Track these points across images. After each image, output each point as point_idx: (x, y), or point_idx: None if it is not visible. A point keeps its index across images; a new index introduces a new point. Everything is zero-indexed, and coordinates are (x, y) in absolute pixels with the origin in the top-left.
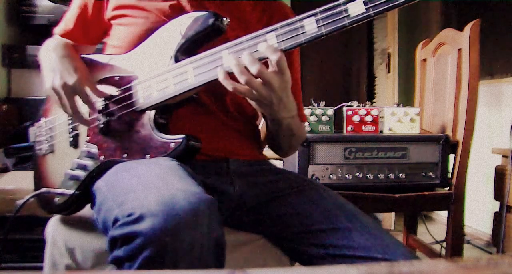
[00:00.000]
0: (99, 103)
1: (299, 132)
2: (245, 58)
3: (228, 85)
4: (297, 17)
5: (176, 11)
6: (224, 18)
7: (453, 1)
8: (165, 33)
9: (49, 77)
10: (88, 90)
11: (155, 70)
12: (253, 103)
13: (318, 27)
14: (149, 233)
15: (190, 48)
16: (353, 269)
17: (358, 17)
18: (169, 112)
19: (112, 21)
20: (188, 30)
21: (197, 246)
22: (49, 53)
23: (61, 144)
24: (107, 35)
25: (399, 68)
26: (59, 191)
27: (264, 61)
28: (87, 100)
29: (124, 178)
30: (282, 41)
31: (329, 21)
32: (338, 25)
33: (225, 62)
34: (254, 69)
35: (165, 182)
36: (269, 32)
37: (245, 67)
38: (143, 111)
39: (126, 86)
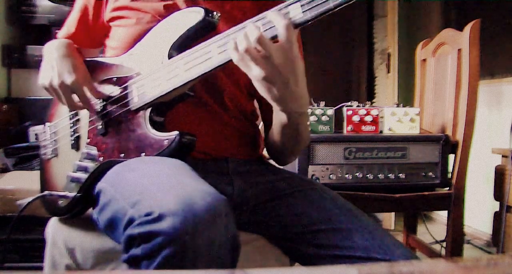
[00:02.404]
0: (98, 105)
1: (304, 136)
2: (249, 27)
3: (234, 56)
4: (282, 4)
5: (171, 11)
6: (215, 13)
7: (453, 1)
8: (158, 32)
9: (47, 74)
10: (86, 90)
11: (150, 68)
12: (258, 86)
13: (303, 12)
14: (170, 231)
15: (183, 44)
16: (353, 269)
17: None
18: (165, 110)
19: (110, 23)
20: (180, 26)
21: (215, 245)
22: (52, 51)
23: (64, 147)
24: (107, 37)
25: (399, 68)
26: (62, 193)
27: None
28: (84, 101)
29: (132, 178)
30: (268, 29)
31: (313, 5)
32: (322, 9)
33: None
34: (253, 37)
35: (180, 182)
36: (256, 21)
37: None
38: (138, 110)
39: (123, 87)
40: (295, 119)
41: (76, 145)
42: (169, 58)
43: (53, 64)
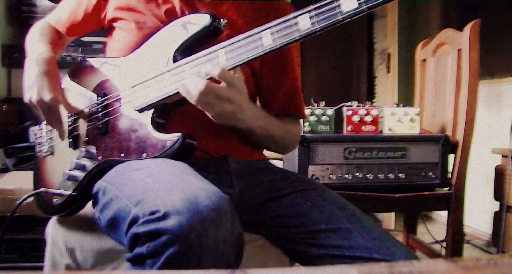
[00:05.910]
0: (98, 106)
1: (280, 131)
2: (190, 81)
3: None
4: (291, 15)
5: (172, 16)
6: (222, 19)
7: (453, 1)
8: (163, 36)
9: (28, 91)
10: (61, 108)
11: (154, 71)
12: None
13: (311, 23)
14: (176, 230)
15: (188, 49)
16: (353, 269)
17: (351, 13)
18: (167, 112)
19: (114, 24)
20: (186, 31)
21: (221, 243)
22: (32, 66)
23: (61, 145)
24: (110, 37)
25: (399, 68)
26: (58, 191)
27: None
28: (57, 118)
29: (135, 177)
30: (277, 38)
31: (322, 17)
32: (331, 21)
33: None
34: (201, 86)
35: (185, 181)
36: (264, 30)
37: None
38: (141, 111)
39: (125, 88)
40: (258, 131)
41: (74, 143)
42: (173, 62)
43: (33, 82)
